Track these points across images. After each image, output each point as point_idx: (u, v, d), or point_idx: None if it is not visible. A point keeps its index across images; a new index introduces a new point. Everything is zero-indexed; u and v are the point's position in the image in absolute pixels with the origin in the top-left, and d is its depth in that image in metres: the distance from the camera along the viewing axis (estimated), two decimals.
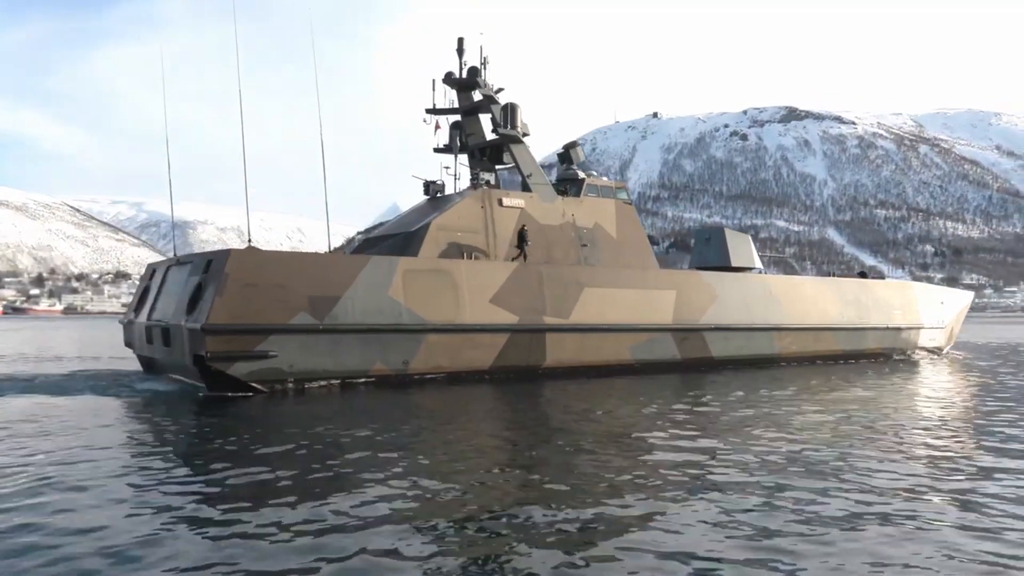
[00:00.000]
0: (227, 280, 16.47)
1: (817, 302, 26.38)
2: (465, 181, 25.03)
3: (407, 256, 19.68)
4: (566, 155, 25.40)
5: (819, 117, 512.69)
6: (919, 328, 29.58)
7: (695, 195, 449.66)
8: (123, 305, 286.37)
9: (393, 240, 21.37)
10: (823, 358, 26.50)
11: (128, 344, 22.09)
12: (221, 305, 16.28)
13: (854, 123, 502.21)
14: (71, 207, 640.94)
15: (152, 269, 21.66)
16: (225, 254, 16.94)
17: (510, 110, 22.97)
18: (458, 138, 24.06)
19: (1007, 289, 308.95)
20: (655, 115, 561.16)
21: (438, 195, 23.57)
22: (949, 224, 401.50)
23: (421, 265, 19.14)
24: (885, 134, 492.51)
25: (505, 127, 22.89)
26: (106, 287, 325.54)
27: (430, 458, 9.65)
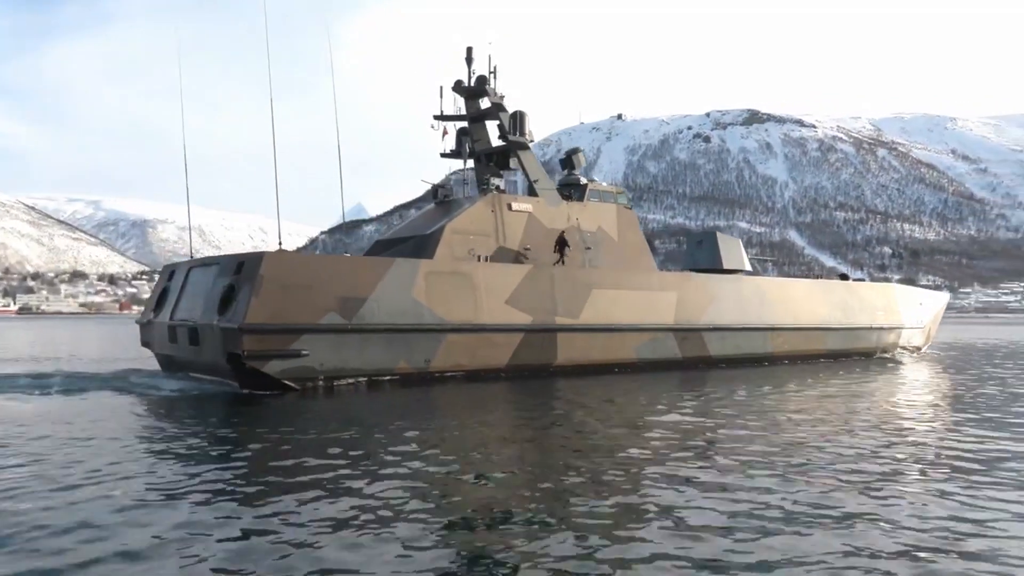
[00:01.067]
0: (262, 281, 17.07)
1: (807, 303, 27.54)
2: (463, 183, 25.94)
3: (423, 258, 20.39)
4: (568, 161, 26.27)
5: (780, 120, 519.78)
6: (900, 328, 30.92)
7: (659, 196, 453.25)
8: (81, 305, 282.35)
9: (408, 243, 22.04)
10: (812, 357, 27.65)
11: (145, 344, 22.51)
12: (257, 305, 16.89)
13: (814, 126, 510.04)
14: (26, 205, 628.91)
15: (171, 270, 22.12)
16: (259, 257, 17.56)
17: (519, 118, 23.78)
18: (466, 143, 24.79)
19: (962, 291, 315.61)
20: (619, 116, 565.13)
21: (446, 199, 24.30)
22: (906, 226, 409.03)
23: (442, 267, 19.89)
24: (844, 137, 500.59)
25: (514, 134, 23.71)
26: (63, 286, 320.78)
27: (453, 456, 9.92)
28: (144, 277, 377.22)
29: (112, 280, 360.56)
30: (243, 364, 16.99)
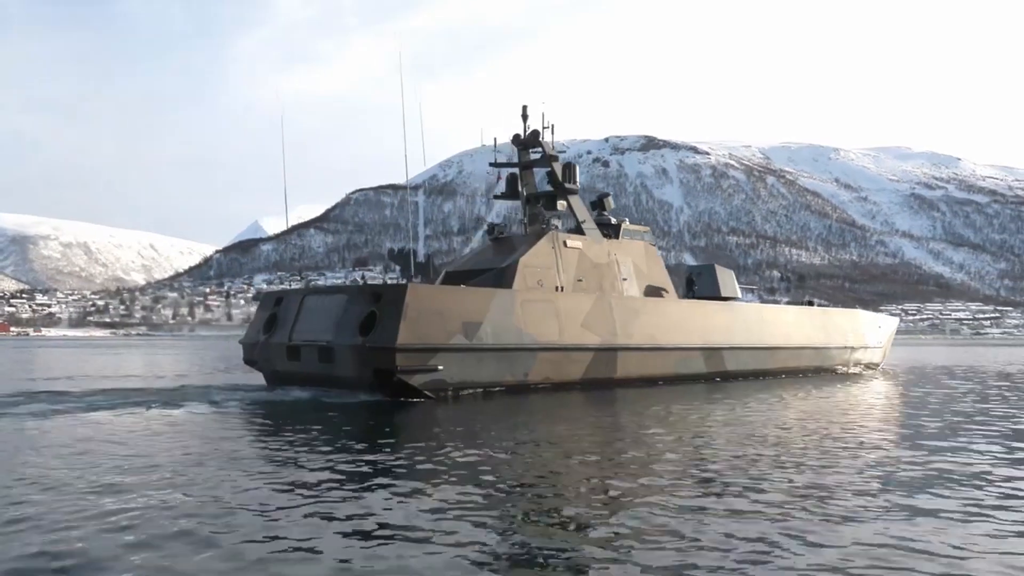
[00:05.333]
0: (407, 309, 20.51)
1: (797, 326, 32.37)
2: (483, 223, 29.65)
3: (502, 288, 24.07)
4: (599, 203, 30.47)
5: (676, 147, 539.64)
6: (865, 347, 36.17)
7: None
8: None
9: (487, 274, 25.51)
10: (799, 372, 32.44)
11: (250, 361, 25.38)
12: (405, 328, 20.28)
13: (708, 153, 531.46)
14: None
15: (276, 297, 25.07)
16: (403, 287, 20.96)
17: (572, 169, 27.89)
18: (519, 186, 28.73)
19: None
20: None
21: (501, 235, 28.10)
22: (794, 251, 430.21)
23: (533, 296, 23.66)
24: (736, 165, 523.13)
25: (567, 182, 27.75)
26: None
27: (551, 452, 12.21)
28: (24, 296, 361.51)
29: None
30: (392, 378, 20.36)
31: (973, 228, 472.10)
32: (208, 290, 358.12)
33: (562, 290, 25.36)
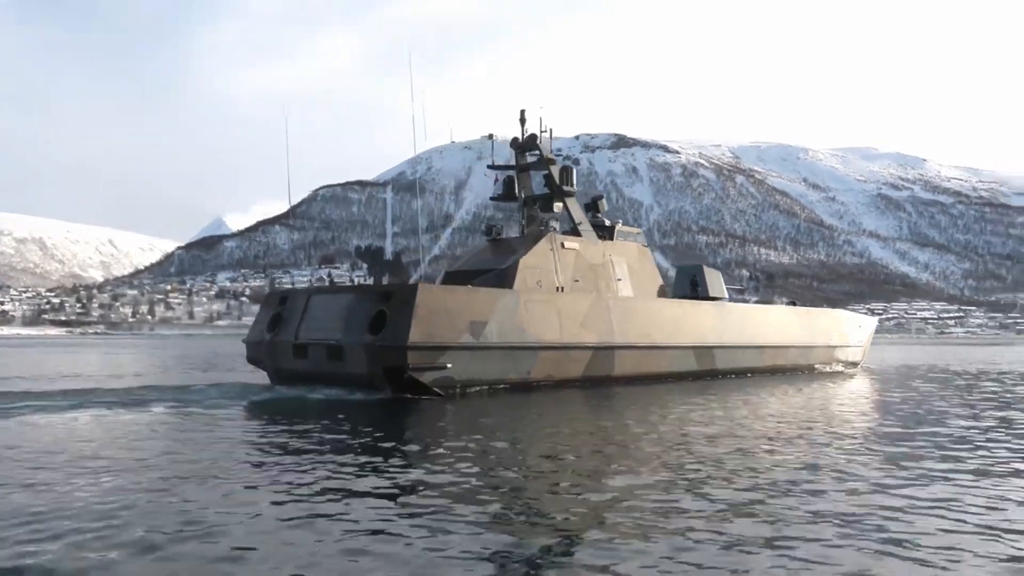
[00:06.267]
0: (418, 308, 21.05)
1: (784, 326, 33.36)
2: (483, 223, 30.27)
3: (503, 288, 24.69)
4: (594, 205, 31.21)
5: (646, 145, 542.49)
6: (846, 347, 37.30)
7: None
8: None
9: (488, 275, 26.12)
10: (785, 369, 33.45)
11: (254, 360, 25.74)
12: (416, 327, 20.82)
13: (678, 152, 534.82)
14: None
15: (281, 296, 25.51)
16: (413, 288, 21.52)
17: (568, 172, 28.58)
18: (516, 188, 29.36)
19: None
20: (490, 137, 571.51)
21: (499, 236, 28.73)
22: (762, 250, 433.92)
23: (535, 296, 24.30)
24: (706, 164, 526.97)
25: (564, 185, 28.43)
26: None
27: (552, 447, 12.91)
28: None
29: None
30: (403, 376, 20.89)
31: (938, 229, 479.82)
32: (169, 287, 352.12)
33: (562, 290, 26.04)
